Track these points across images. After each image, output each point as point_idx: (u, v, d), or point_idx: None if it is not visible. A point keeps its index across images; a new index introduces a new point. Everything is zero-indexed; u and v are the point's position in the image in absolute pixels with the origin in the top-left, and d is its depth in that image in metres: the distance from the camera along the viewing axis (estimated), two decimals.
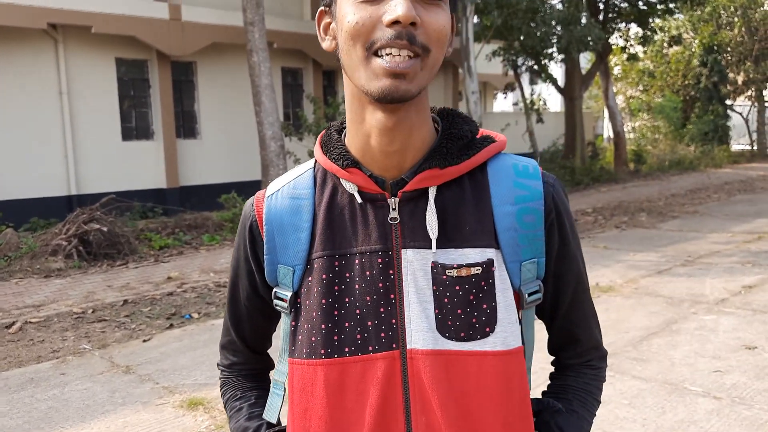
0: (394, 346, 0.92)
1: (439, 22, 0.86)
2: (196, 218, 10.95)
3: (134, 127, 12.46)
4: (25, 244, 8.64)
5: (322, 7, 0.95)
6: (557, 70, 23.77)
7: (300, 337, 0.97)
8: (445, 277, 0.92)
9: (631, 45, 20.04)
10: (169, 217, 11.50)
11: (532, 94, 20.22)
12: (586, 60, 22.38)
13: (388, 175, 0.95)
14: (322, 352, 0.94)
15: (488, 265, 0.93)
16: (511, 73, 18.56)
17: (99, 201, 9.42)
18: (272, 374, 1.11)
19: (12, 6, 10.11)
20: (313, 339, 0.95)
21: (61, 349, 5.23)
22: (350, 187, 0.96)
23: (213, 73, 13.29)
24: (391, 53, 0.83)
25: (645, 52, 24.62)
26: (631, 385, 4.09)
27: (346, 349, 0.93)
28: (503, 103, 29.46)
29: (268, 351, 1.20)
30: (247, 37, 11.40)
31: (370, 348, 0.93)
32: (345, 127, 1.01)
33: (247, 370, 1.17)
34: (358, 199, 0.96)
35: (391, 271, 0.93)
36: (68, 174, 11.38)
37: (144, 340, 5.41)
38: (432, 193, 0.94)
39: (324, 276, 0.95)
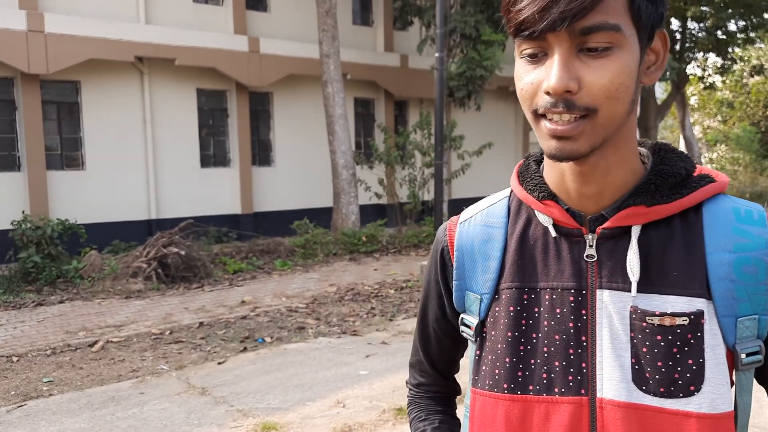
0: (582, 392, 0.88)
1: (607, 77, 0.79)
2: (269, 243, 11.18)
3: (212, 155, 12.90)
4: (108, 266, 9.00)
5: None
6: None
7: (484, 368, 0.95)
8: (645, 324, 0.86)
9: (709, 75, 19.45)
10: (243, 242, 11.78)
11: None
12: (661, 90, 21.82)
13: (587, 210, 0.91)
14: (505, 386, 0.92)
15: (697, 316, 0.85)
16: None
17: (177, 225, 9.75)
18: (465, 398, 1.09)
19: (104, 40, 10.72)
20: (497, 371, 0.93)
21: (140, 369, 5.38)
22: (545, 219, 0.93)
23: (288, 103, 13.65)
24: (552, 118, 0.81)
25: (724, 82, 23.83)
26: None
27: (531, 388, 0.90)
28: None
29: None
30: (322, 68, 11.70)
31: (556, 390, 0.89)
32: (544, 158, 0.98)
33: (433, 392, 1.17)
34: (553, 233, 0.93)
35: (583, 312, 0.89)
36: (149, 199, 11.86)
37: (219, 363, 5.50)
38: (636, 232, 0.88)
39: (511, 308, 0.93)
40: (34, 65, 10.11)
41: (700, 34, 17.72)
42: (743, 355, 0.86)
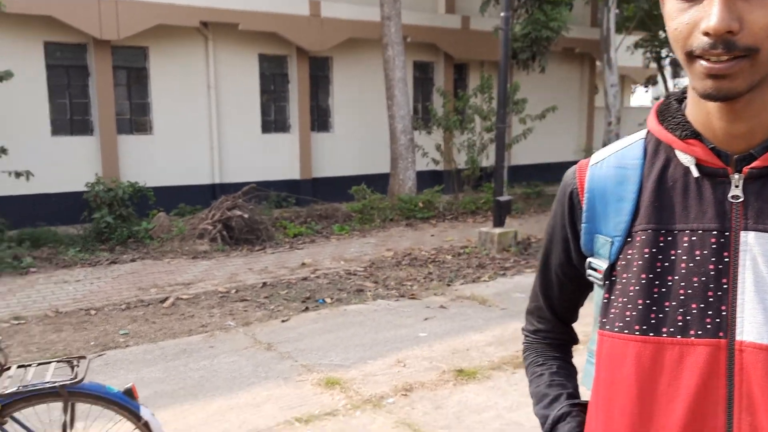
0: (720, 334, 0.86)
1: None
2: (327, 209, 11.34)
3: (273, 120, 13.08)
4: (176, 228, 9.34)
5: None
6: None
7: (613, 311, 0.94)
8: None
9: None
10: (302, 207, 11.98)
11: (675, 87, 19.11)
12: None
13: (733, 149, 0.88)
14: (637, 328, 0.90)
15: None
16: (652, 65, 17.64)
17: (239, 190, 9.99)
18: (587, 344, 1.08)
19: (171, 6, 10.94)
20: (628, 314, 0.91)
21: (209, 324, 5.62)
22: (687, 159, 0.91)
23: (347, 67, 13.66)
24: (709, 59, 0.79)
25: None
26: None
27: (664, 330, 0.88)
28: (642, 97, 28.02)
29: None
30: (383, 31, 11.63)
31: (692, 332, 0.87)
32: (686, 96, 0.95)
33: (551, 338, 1.17)
34: (695, 173, 0.90)
35: (726, 254, 0.87)
36: (213, 163, 12.17)
37: (282, 321, 5.69)
38: None
39: (646, 250, 0.91)
40: (106, 31, 10.42)
41: None
42: None
